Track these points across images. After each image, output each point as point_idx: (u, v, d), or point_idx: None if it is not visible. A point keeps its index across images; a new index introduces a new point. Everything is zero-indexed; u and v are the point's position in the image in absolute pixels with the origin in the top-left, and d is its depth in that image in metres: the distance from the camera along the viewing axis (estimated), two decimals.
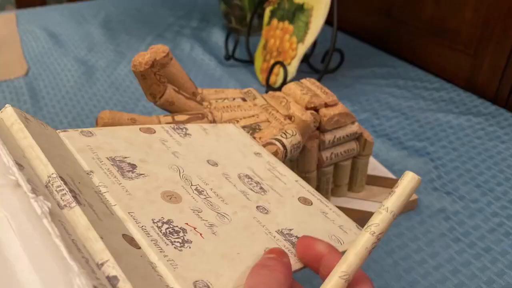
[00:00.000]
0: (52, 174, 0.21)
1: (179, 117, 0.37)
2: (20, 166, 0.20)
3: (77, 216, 0.19)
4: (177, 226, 0.23)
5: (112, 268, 0.18)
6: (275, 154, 0.34)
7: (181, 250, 0.22)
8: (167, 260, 0.21)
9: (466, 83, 0.72)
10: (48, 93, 0.71)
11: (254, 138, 0.37)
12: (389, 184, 0.48)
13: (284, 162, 0.45)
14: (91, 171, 0.24)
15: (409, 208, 0.46)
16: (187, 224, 0.23)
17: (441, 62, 0.76)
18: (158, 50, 0.39)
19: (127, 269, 0.18)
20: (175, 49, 0.86)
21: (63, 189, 0.20)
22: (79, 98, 0.69)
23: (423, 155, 0.55)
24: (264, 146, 0.35)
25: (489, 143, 0.57)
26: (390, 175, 0.49)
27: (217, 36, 0.91)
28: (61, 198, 0.20)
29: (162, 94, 0.38)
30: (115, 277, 0.17)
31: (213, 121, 0.38)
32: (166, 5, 1.10)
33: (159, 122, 0.36)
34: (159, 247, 0.21)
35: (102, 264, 0.18)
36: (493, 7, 0.65)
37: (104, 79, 0.75)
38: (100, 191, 0.23)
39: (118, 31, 0.95)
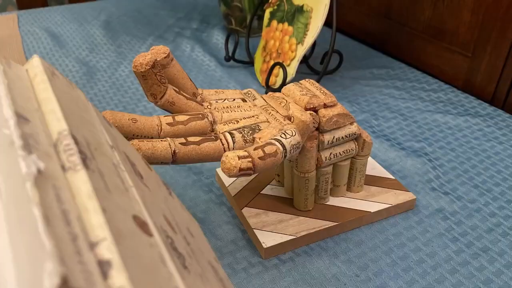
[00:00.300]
0: (64, 131, 0.17)
1: (180, 118, 0.38)
2: (24, 120, 0.17)
3: (79, 182, 0.16)
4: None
5: (106, 250, 0.14)
6: (275, 154, 0.35)
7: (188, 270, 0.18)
8: (180, 263, 0.18)
9: (464, 84, 0.72)
10: None
11: (254, 138, 0.38)
12: (387, 184, 0.48)
13: (283, 162, 0.45)
14: (114, 146, 0.21)
15: (407, 208, 0.47)
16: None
17: (439, 64, 0.76)
18: (159, 51, 0.39)
19: (126, 255, 0.14)
20: (175, 50, 0.86)
21: (71, 149, 0.17)
22: None
23: (421, 156, 0.55)
24: (263, 146, 0.35)
25: (486, 144, 0.58)
26: (388, 175, 0.49)
27: (217, 37, 0.92)
28: (67, 159, 0.16)
29: (162, 95, 0.38)
30: (107, 262, 0.14)
31: (213, 122, 0.39)
32: (166, 7, 1.11)
33: (160, 122, 0.37)
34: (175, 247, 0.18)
35: (96, 244, 0.14)
36: (491, 9, 0.65)
37: (105, 80, 0.75)
38: (121, 167, 0.19)
39: (119, 32, 0.96)
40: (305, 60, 0.75)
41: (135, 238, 0.16)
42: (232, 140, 0.37)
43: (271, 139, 0.36)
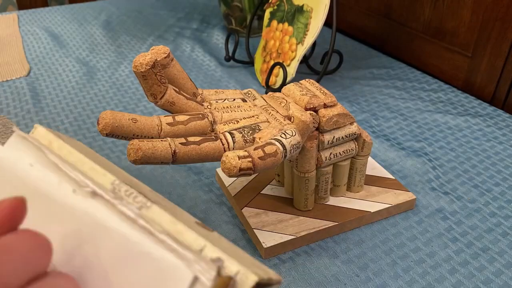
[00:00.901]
0: (115, 180, 0.20)
1: (180, 118, 0.38)
2: (87, 178, 0.20)
3: (157, 214, 0.19)
4: None
5: (212, 252, 0.18)
6: (275, 154, 0.35)
7: None
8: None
9: (464, 84, 0.72)
10: (49, 93, 0.71)
11: (254, 138, 0.38)
12: (387, 184, 0.48)
13: (283, 162, 0.46)
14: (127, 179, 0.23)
15: (407, 207, 0.47)
16: None
17: (439, 64, 0.76)
18: (159, 51, 0.39)
19: (222, 250, 0.18)
20: (175, 50, 0.86)
21: (132, 192, 0.20)
22: (80, 98, 0.70)
23: (421, 156, 0.55)
24: (263, 146, 0.35)
25: (486, 144, 0.58)
26: (388, 175, 0.49)
27: (218, 37, 0.92)
28: (134, 200, 0.20)
29: (162, 95, 0.38)
30: (218, 259, 0.18)
31: (213, 122, 0.39)
32: (167, 7, 1.11)
33: (160, 122, 0.37)
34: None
35: (201, 250, 0.18)
36: (491, 9, 0.65)
37: (105, 80, 0.75)
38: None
39: (119, 32, 0.96)
40: (305, 60, 0.75)
41: (213, 237, 0.20)
42: (232, 140, 0.37)
43: (271, 139, 0.36)
